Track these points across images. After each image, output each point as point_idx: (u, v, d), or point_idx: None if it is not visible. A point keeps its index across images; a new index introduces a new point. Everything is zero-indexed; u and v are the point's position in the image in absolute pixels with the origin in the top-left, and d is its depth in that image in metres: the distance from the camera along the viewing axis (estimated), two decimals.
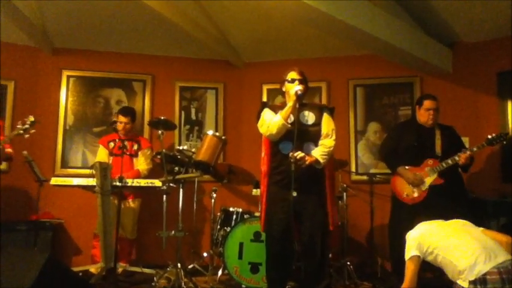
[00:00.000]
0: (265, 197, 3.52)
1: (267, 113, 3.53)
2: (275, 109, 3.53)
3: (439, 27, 4.90)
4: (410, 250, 2.93)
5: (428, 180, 3.94)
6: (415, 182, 3.97)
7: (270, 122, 3.41)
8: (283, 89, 3.57)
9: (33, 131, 4.11)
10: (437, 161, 3.95)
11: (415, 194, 3.98)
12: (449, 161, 3.87)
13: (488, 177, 4.78)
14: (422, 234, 2.96)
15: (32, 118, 4.12)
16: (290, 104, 3.36)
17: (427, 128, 4.11)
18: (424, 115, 4.11)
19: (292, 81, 3.46)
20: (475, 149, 3.85)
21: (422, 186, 3.95)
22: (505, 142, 3.81)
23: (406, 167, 4.05)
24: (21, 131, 4.08)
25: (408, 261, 2.92)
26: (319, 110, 3.54)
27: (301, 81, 3.46)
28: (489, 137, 3.80)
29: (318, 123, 3.47)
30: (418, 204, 3.92)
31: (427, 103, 4.10)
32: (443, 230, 2.94)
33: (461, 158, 3.82)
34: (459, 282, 2.68)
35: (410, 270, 2.90)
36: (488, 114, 4.89)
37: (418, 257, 2.90)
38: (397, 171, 4.10)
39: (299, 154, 3.23)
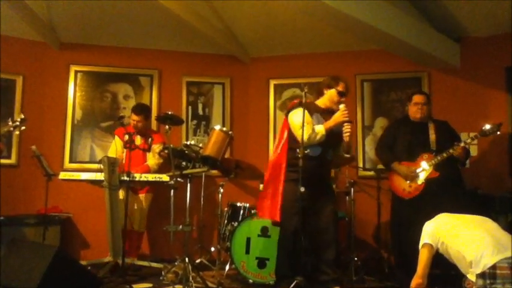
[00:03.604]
0: (282, 192, 3.53)
1: (302, 114, 3.37)
2: (310, 109, 3.53)
3: (447, 22, 4.87)
4: (424, 238, 2.95)
5: (425, 174, 3.96)
6: (409, 176, 4.02)
7: (313, 130, 3.44)
8: (325, 92, 3.63)
9: (23, 128, 4.06)
10: (432, 155, 3.99)
11: (412, 188, 4.01)
12: (444, 154, 3.91)
13: (497, 172, 4.76)
14: (438, 224, 2.98)
15: (22, 116, 4.08)
16: (339, 120, 3.47)
17: (420, 123, 4.18)
18: (413, 109, 4.23)
19: (341, 94, 3.59)
20: (469, 140, 3.88)
21: (418, 180, 3.99)
22: (498, 132, 3.82)
23: (400, 163, 4.10)
24: (11, 128, 4.03)
25: (421, 249, 2.95)
26: None
27: (344, 94, 3.61)
28: (483, 128, 3.82)
29: (340, 131, 3.54)
30: (416, 198, 3.96)
31: (415, 98, 4.23)
32: (458, 221, 2.93)
33: (456, 149, 3.85)
34: (469, 276, 2.68)
35: (422, 258, 2.92)
36: (496, 109, 4.85)
37: (431, 245, 2.90)
38: (392, 167, 4.16)
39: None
